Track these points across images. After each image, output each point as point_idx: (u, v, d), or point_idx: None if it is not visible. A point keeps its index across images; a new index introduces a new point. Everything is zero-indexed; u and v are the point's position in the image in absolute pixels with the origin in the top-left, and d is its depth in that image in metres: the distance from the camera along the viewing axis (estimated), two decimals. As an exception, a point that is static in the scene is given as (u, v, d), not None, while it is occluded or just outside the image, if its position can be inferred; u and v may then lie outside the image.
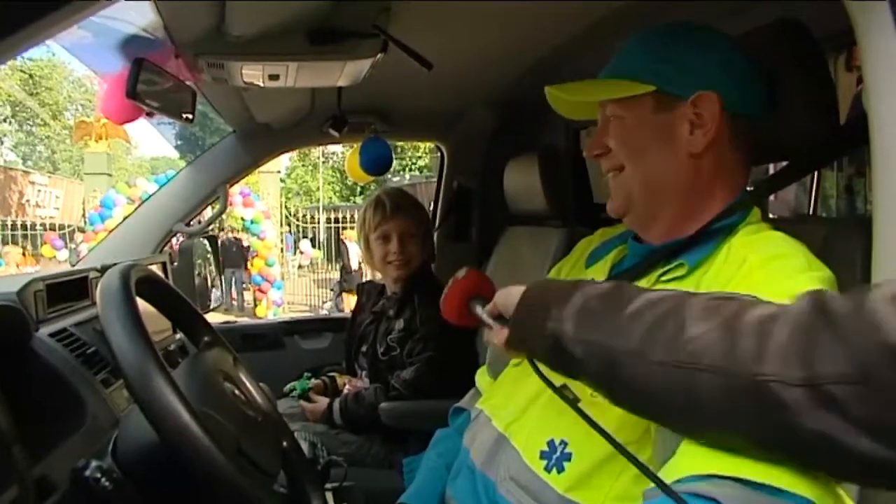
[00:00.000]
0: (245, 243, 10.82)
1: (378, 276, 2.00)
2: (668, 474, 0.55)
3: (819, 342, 0.47)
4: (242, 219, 10.22)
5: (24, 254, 8.23)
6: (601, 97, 0.90)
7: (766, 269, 0.70)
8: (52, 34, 0.58)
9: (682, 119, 0.82)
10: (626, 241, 0.95)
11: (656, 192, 0.86)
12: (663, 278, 0.80)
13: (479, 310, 0.85)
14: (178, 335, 1.58)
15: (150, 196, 2.11)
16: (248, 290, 11.41)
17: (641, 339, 0.58)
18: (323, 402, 1.84)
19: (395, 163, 2.17)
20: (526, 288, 0.73)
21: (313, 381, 1.96)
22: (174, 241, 2.13)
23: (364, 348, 1.87)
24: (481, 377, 1.18)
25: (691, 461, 0.55)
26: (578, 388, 0.78)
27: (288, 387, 1.96)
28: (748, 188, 0.87)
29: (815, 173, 2.14)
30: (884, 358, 0.43)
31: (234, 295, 11.04)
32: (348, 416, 1.74)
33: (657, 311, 0.58)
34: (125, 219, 2.05)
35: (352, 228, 11.70)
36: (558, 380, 0.81)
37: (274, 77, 1.31)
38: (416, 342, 1.75)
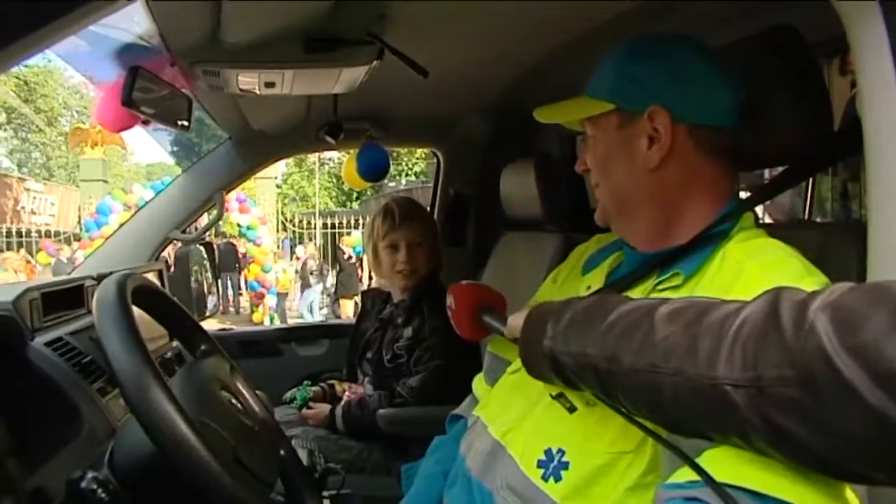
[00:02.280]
0: (241, 249, 10.81)
1: (381, 282, 2.00)
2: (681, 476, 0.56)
3: (766, 345, 0.49)
4: (238, 225, 10.21)
5: (28, 261, 8.19)
6: (568, 118, 0.94)
7: (764, 277, 0.70)
8: (52, 43, 0.58)
9: (641, 134, 0.83)
10: (622, 248, 0.95)
11: (624, 205, 0.89)
12: (659, 287, 0.80)
13: (494, 324, 0.91)
14: (175, 343, 1.58)
15: (146, 203, 2.11)
16: (244, 294, 11.39)
17: (615, 345, 0.61)
18: (324, 407, 1.84)
19: (391, 168, 2.19)
20: (529, 310, 0.77)
21: (313, 389, 1.95)
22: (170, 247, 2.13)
23: (369, 355, 1.87)
24: (478, 384, 1.18)
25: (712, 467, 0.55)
26: (576, 395, 0.79)
27: (288, 395, 1.96)
28: (746, 193, 0.87)
29: (810, 178, 2.15)
30: (819, 363, 0.44)
31: (230, 298, 11.02)
32: (351, 423, 1.74)
33: (631, 318, 0.62)
34: (121, 226, 2.05)
35: (349, 234, 11.71)
36: (555, 388, 0.81)
37: (270, 84, 1.31)
38: (424, 350, 1.75)
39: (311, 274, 10.34)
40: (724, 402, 0.51)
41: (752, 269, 0.72)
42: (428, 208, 2.32)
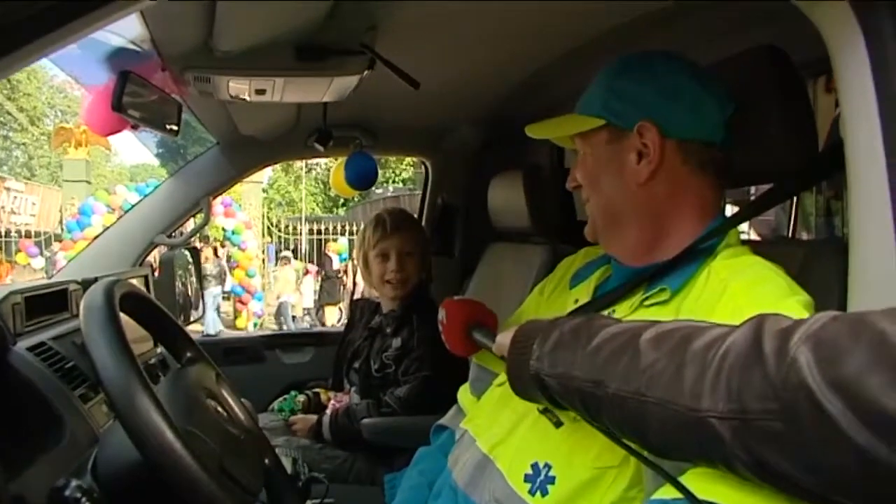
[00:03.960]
0: (226, 253, 10.73)
1: (371, 292, 2.00)
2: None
3: (750, 376, 0.48)
4: (223, 229, 10.14)
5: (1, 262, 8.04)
6: (559, 134, 0.96)
7: (749, 295, 0.71)
8: (55, 49, 0.58)
9: (630, 149, 0.85)
10: (609, 262, 0.97)
11: (613, 220, 0.90)
12: (646, 303, 0.82)
13: (483, 341, 0.92)
14: (160, 349, 1.56)
15: (131, 207, 2.09)
16: (228, 299, 11.28)
17: (600, 369, 0.60)
18: (311, 417, 1.83)
19: (378, 175, 2.19)
20: (516, 329, 0.76)
21: (299, 398, 1.95)
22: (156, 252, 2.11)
23: (357, 364, 1.87)
24: (464, 394, 1.18)
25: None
26: (562, 411, 0.79)
27: (276, 405, 1.95)
28: (734, 208, 0.88)
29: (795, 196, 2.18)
30: (802, 397, 0.44)
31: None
32: (338, 432, 1.74)
33: (617, 342, 0.61)
34: (106, 230, 2.03)
35: (335, 241, 11.67)
36: (541, 403, 0.82)
37: (261, 91, 1.31)
38: (413, 361, 1.75)
39: (206, 277, 10.24)
40: (710, 435, 0.50)
41: (737, 287, 0.73)
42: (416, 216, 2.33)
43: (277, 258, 13.21)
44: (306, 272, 10.89)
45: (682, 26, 1.18)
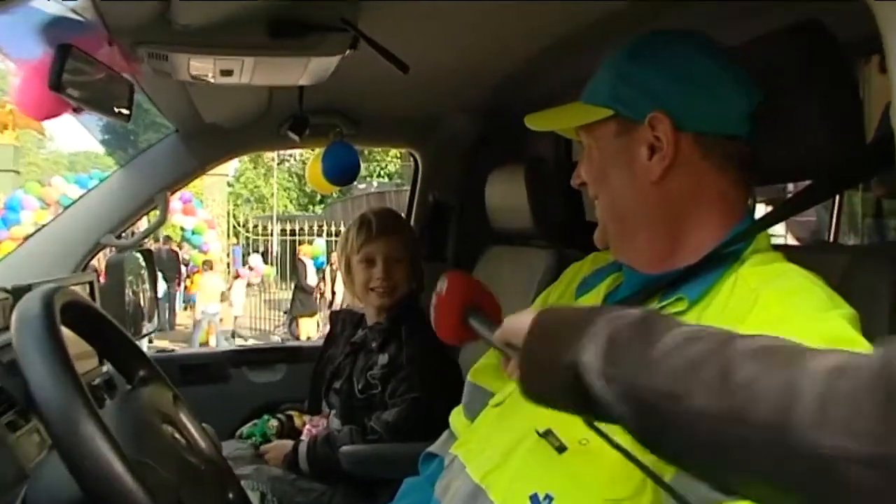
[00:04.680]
0: (185, 255, 10.69)
1: (354, 302, 1.99)
2: None
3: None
4: (182, 229, 10.10)
5: None
6: (562, 126, 0.96)
7: (784, 306, 0.71)
8: None
9: (641, 143, 0.85)
10: (621, 269, 0.97)
11: (623, 222, 0.90)
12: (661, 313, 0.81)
13: (483, 331, 0.86)
14: (105, 367, 1.55)
15: (72, 202, 2.06)
16: (186, 309, 11.24)
17: (681, 379, 0.54)
18: (286, 443, 1.82)
19: (361, 168, 2.18)
20: (538, 313, 0.70)
21: (272, 422, 1.93)
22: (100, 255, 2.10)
23: (337, 384, 1.86)
24: (456, 418, 1.18)
25: None
26: (567, 433, 0.79)
27: (245, 431, 1.93)
28: (766, 209, 0.88)
29: (838, 194, 2.18)
30: None
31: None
32: (317, 462, 1.72)
33: (695, 348, 0.56)
34: (41, 228, 2.00)
35: (310, 243, 11.66)
36: (542, 424, 0.82)
37: (227, 73, 1.31)
38: (401, 381, 1.74)
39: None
40: (832, 478, 0.46)
41: (770, 297, 0.73)
42: (403, 216, 2.32)
43: (243, 263, 13.18)
44: (236, 276, 10.75)
45: (702, 3, 1.18)
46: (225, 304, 10.31)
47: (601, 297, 0.96)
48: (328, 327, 2.19)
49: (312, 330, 10.05)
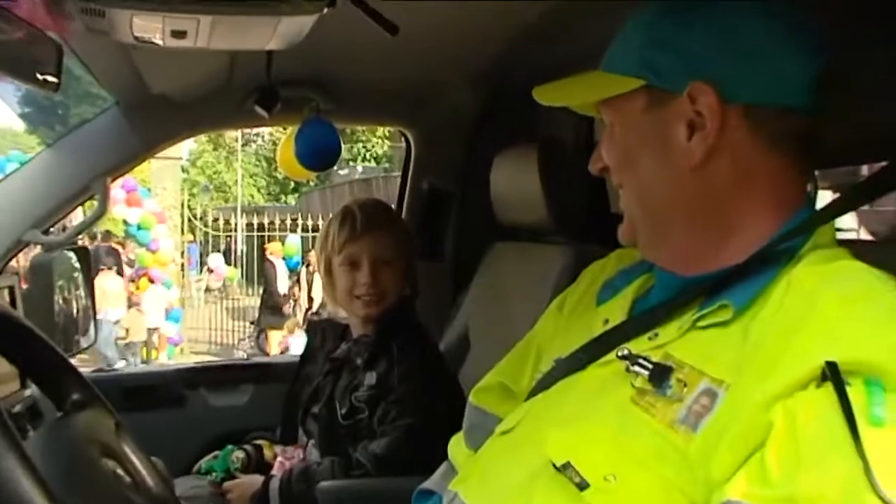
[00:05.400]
0: (129, 255, 10.66)
1: (336, 311, 1.99)
2: None
3: None
4: (125, 222, 10.07)
5: None
6: (579, 100, 0.97)
7: (847, 314, 0.69)
8: None
9: (678, 120, 0.84)
10: (651, 269, 0.97)
11: (654, 215, 0.90)
12: (701, 323, 0.81)
13: None
14: (29, 390, 1.54)
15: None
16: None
17: None
18: (254, 479, 1.81)
19: (342, 150, 2.18)
20: None
21: (237, 454, 1.93)
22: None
23: (316, 408, 1.86)
24: (456, 448, 1.18)
25: None
26: (589, 467, 0.79)
27: (203, 464, 1.93)
28: (831, 196, 0.88)
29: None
30: None
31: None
32: (291, 501, 1.72)
33: None
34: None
35: (281, 240, 11.67)
36: (559, 456, 0.82)
37: (179, 34, 1.30)
38: (392, 404, 1.74)
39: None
40: None
41: (830, 301, 0.71)
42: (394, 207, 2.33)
43: (201, 263, 13.17)
44: (150, 280, 10.60)
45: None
46: (133, 310, 10.05)
47: (628, 304, 0.96)
48: (304, 340, 2.19)
49: (285, 344, 10.06)
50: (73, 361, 1.12)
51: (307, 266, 10.59)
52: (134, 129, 2.01)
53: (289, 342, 9.94)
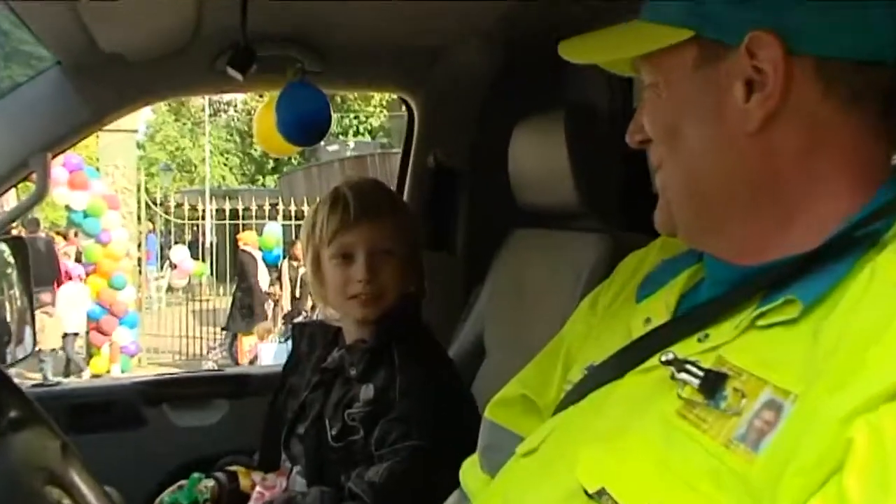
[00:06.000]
0: (74, 247, 10.68)
1: (328, 312, 1.99)
2: None
3: None
4: (68, 209, 10.07)
5: None
6: (613, 56, 0.97)
7: None
8: None
9: (734, 77, 0.84)
10: (702, 258, 0.97)
11: (704, 194, 0.89)
12: (761, 322, 0.81)
13: None
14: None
15: None
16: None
17: None
18: None
19: (332, 122, 2.17)
20: None
21: (206, 483, 1.94)
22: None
23: (301, 428, 1.86)
24: (470, 473, 1.19)
25: None
26: (628, 494, 0.79)
27: (166, 498, 1.94)
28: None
29: None
30: None
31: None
32: None
33: None
34: None
35: (258, 230, 11.69)
36: (592, 481, 0.82)
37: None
38: (393, 423, 1.73)
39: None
40: None
41: None
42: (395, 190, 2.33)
43: (161, 258, 13.18)
44: (68, 276, 10.50)
45: None
46: (41, 313, 10.00)
47: (674, 300, 0.96)
48: (276, 348, 2.20)
49: (253, 353, 10.05)
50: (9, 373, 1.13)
51: (290, 261, 10.61)
52: (80, 95, 2.01)
53: (258, 350, 9.98)
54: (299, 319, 8.51)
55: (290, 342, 9.84)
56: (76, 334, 10.37)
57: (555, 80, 2.13)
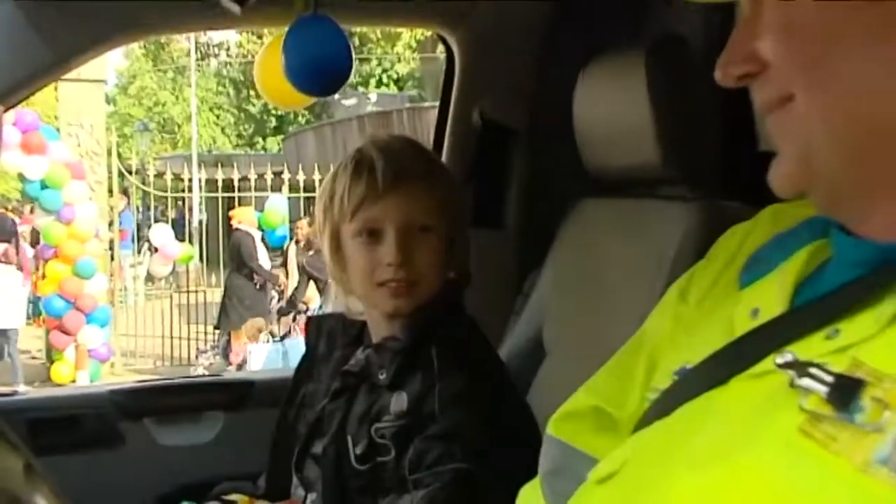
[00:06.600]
0: (29, 226, 10.79)
1: (349, 303, 1.99)
2: None
3: None
4: (22, 178, 10.16)
5: None
6: None
7: None
8: None
9: None
10: (826, 234, 0.96)
11: (863, 146, 0.85)
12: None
13: None
14: None
15: None
16: (32, 323, 11.41)
17: None
18: None
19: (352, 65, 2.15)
20: None
21: None
22: None
23: (318, 447, 1.88)
24: (531, 501, 1.20)
25: None
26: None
27: None
28: None
29: None
30: None
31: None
32: None
33: None
34: None
35: (257, 204, 11.76)
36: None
37: None
38: (433, 441, 1.74)
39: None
40: None
41: None
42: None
43: (139, 239, 13.28)
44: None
45: None
46: None
47: (790, 286, 0.95)
48: (267, 353, 2.21)
49: (241, 356, 10.13)
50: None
51: (298, 243, 10.64)
52: (38, 34, 2.04)
53: (246, 352, 10.06)
54: (312, 312, 8.56)
55: (285, 342, 9.95)
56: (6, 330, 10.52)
57: (629, 12, 2.13)
